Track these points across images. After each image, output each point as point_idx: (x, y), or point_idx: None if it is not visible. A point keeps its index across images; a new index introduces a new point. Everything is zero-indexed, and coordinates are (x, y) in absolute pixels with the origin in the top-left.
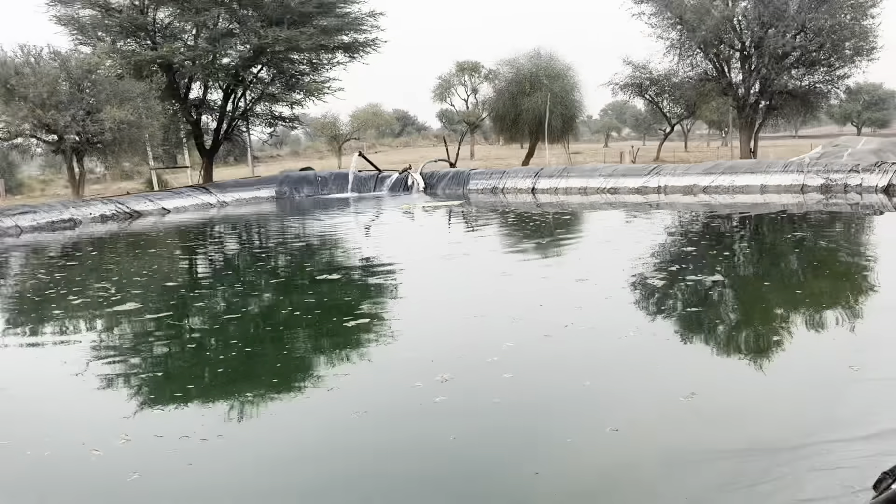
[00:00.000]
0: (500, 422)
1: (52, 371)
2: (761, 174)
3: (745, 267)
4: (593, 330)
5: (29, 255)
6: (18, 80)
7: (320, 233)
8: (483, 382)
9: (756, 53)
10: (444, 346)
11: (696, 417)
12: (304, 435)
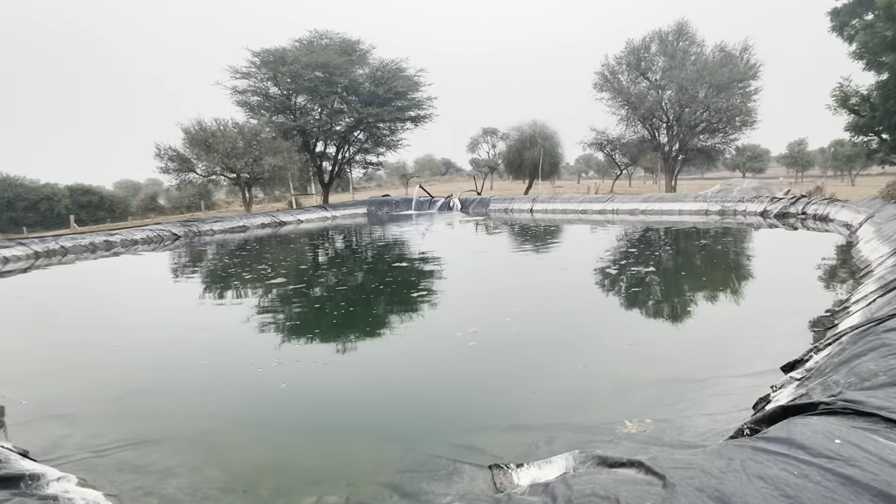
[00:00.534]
0: (510, 359)
1: (232, 318)
2: (679, 202)
3: (667, 262)
4: (571, 302)
5: (218, 247)
6: (213, 139)
7: (394, 236)
8: (499, 334)
9: (676, 124)
10: (474, 309)
11: (637, 359)
12: (386, 364)
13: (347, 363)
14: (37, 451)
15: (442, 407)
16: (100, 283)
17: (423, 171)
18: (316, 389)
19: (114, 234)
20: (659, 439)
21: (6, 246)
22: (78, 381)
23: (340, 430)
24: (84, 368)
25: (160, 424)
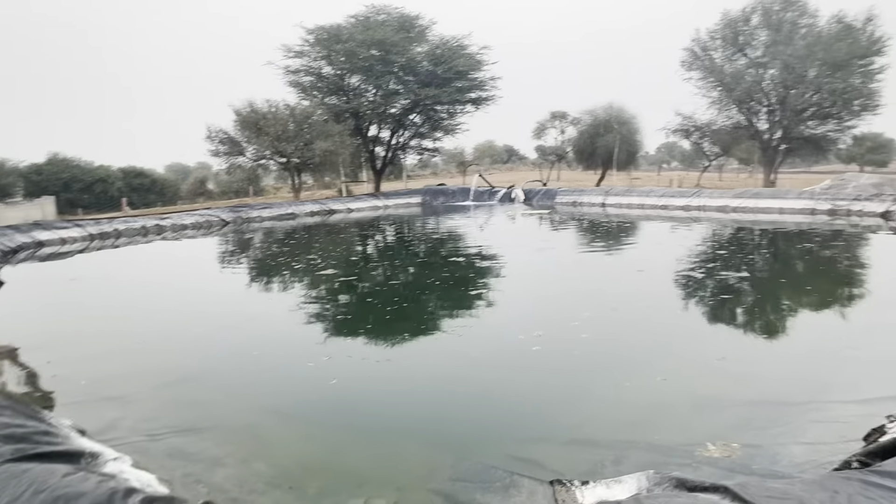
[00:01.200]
0: (577, 367)
1: (281, 309)
2: (779, 199)
3: (764, 267)
4: (649, 307)
5: (267, 234)
6: (264, 122)
7: (449, 228)
8: (567, 339)
9: (779, 108)
10: (538, 311)
11: (724, 375)
12: (441, 364)
13: (400, 362)
14: (93, 430)
15: (499, 414)
16: (151, 267)
17: (483, 159)
18: (366, 388)
19: (164, 218)
20: (746, 467)
21: (63, 227)
22: (131, 364)
23: (390, 432)
24: (136, 352)
25: (209, 413)
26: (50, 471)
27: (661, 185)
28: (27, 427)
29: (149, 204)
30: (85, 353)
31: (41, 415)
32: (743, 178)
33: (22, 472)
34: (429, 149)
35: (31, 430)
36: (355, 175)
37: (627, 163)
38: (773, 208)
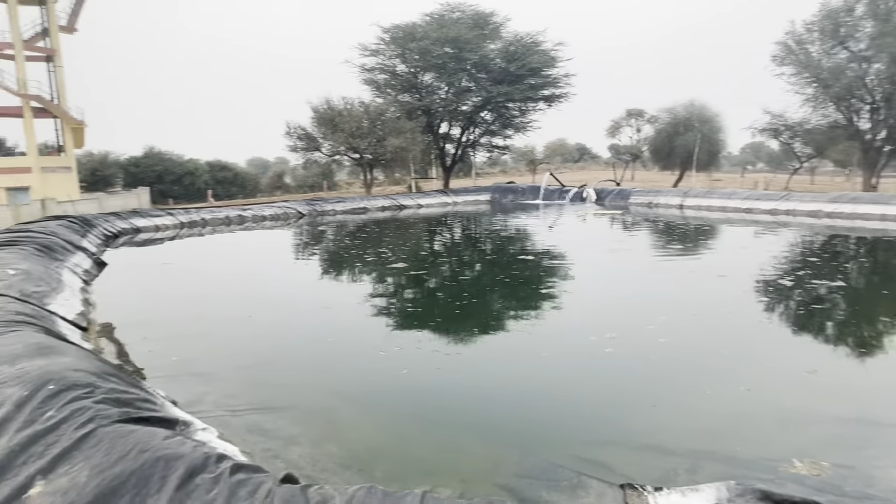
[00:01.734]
0: (652, 372)
1: (354, 298)
2: (882, 205)
3: (862, 277)
4: (732, 314)
5: (340, 227)
6: (340, 119)
7: (518, 226)
8: (642, 343)
9: (885, 106)
10: (611, 313)
11: (814, 388)
12: (509, 360)
13: (469, 356)
14: (182, 402)
15: (567, 414)
16: (234, 255)
17: (554, 157)
18: (435, 379)
19: (246, 209)
20: (838, 488)
21: (157, 215)
22: (214, 344)
23: (456, 425)
24: (220, 334)
25: (284, 394)
26: (152, 433)
27: (744, 187)
28: (130, 393)
29: (231, 196)
30: (175, 332)
31: (140, 384)
32: (839, 181)
33: (129, 432)
34: (499, 146)
35: (133, 396)
36: (425, 172)
37: (708, 163)
38: (873, 214)
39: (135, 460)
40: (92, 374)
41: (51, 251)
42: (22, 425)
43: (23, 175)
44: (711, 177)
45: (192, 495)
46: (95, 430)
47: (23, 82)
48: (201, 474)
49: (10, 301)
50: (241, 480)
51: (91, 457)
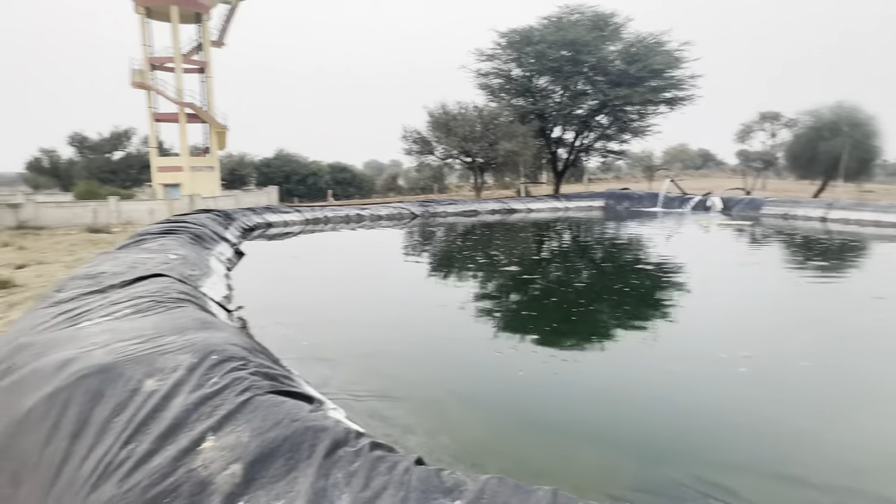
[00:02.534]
0: (793, 396)
1: (469, 298)
2: None
3: None
4: (893, 339)
5: (451, 228)
6: (454, 123)
7: (634, 235)
8: (781, 364)
9: None
10: (742, 331)
11: None
12: (629, 369)
13: (586, 363)
14: (312, 384)
15: (690, 431)
16: (353, 250)
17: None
18: (549, 383)
19: (364, 208)
20: None
21: (286, 212)
22: (337, 333)
23: (571, 431)
24: (343, 323)
25: (400, 385)
26: (299, 405)
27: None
28: (275, 370)
29: (349, 196)
30: (303, 319)
31: (280, 362)
32: None
33: (280, 402)
34: (614, 151)
35: (277, 372)
36: (535, 176)
37: (858, 172)
38: None
39: (287, 427)
40: (244, 349)
41: (201, 240)
42: (193, 387)
43: (176, 173)
44: (862, 188)
45: (337, 465)
46: (252, 398)
47: (180, 92)
48: (344, 447)
49: (174, 281)
50: (380, 457)
51: (251, 420)
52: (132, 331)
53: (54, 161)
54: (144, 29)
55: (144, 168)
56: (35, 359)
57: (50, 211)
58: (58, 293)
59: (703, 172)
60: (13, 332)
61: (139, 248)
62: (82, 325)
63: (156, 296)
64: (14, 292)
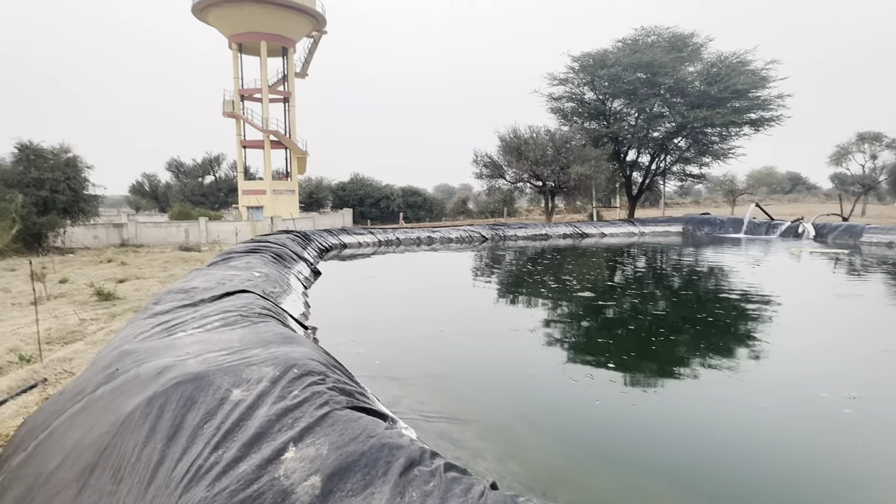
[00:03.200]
0: None
1: (542, 323)
2: None
3: None
4: None
5: (520, 252)
6: (525, 147)
7: (717, 262)
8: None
9: None
10: (845, 369)
11: None
12: (715, 405)
13: (666, 395)
14: (384, 402)
15: (780, 475)
16: (425, 272)
17: (759, 188)
18: (626, 414)
19: (434, 231)
20: None
21: (360, 233)
22: (407, 353)
23: (646, 467)
24: (414, 343)
25: (470, 408)
26: (375, 422)
27: None
28: (351, 386)
29: (420, 219)
30: (376, 338)
31: (355, 379)
32: None
33: (357, 418)
34: (693, 175)
35: (353, 388)
36: (608, 200)
37: None
38: None
39: (363, 443)
40: (322, 364)
41: (282, 259)
42: (276, 399)
43: (259, 196)
44: None
45: (412, 483)
46: (331, 412)
47: (265, 120)
48: (419, 466)
49: (258, 298)
50: (455, 478)
51: (329, 434)
52: (221, 342)
53: (154, 185)
54: (236, 63)
55: (231, 191)
56: (137, 365)
57: (148, 230)
58: (156, 305)
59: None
60: (117, 340)
61: (227, 265)
62: (177, 335)
63: (242, 310)
64: (115, 304)
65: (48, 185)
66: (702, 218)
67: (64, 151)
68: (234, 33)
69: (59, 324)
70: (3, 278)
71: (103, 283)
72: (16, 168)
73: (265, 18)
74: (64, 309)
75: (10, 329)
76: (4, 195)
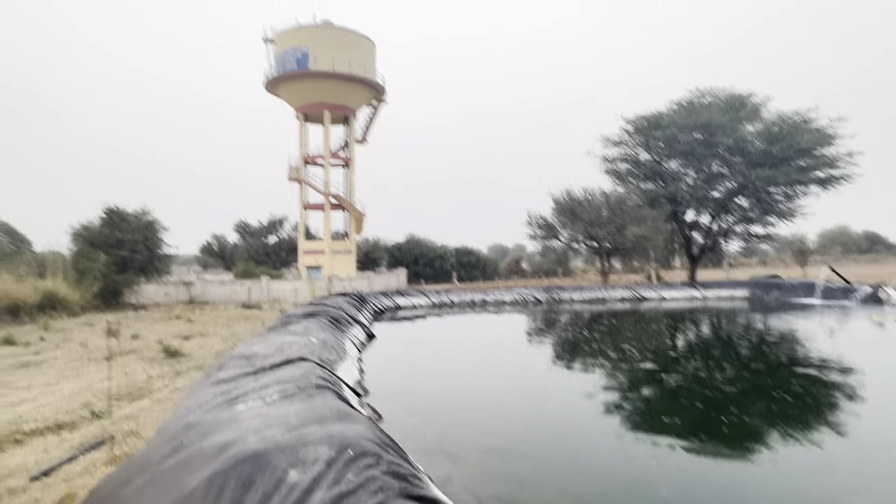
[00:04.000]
0: None
1: (600, 396)
2: None
3: None
4: None
5: (576, 317)
6: (580, 208)
7: (790, 330)
8: None
9: None
10: None
11: None
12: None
13: (742, 483)
14: (436, 480)
15: None
16: (479, 336)
17: (832, 248)
18: None
19: (488, 293)
20: None
21: (415, 295)
22: (462, 425)
23: None
24: (469, 414)
25: (527, 489)
26: None
27: None
28: (403, 468)
29: (473, 279)
30: (429, 407)
31: (408, 457)
32: None
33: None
34: (758, 235)
35: (406, 471)
36: (667, 261)
37: None
38: None
39: None
40: (376, 444)
41: (338, 323)
42: (331, 483)
43: (318, 256)
44: None
45: None
46: (385, 501)
47: (327, 184)
48: None
49: (315, 366)
50: None
51: None
52: (279, 417)
53: (222, 245)
54: (301, 131)
55: (292, 251)
56: (200, 438)
57: (214, 288)
58: (219, 372)
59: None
60: (183, 410)
61: (286, 330)
62: (238, 407)
63: (299, 381)
64: (180, 361)
65: (128, 246)
66: (770, 281)
67: (144, 214)
68: (300, 104)
69: (129, 380)
70: (83, 333)
71: (170, 340)
72: (102, 230)
73: (330, 91)
74: (133, 365)
75: (86, 384)
76: (91, 255)
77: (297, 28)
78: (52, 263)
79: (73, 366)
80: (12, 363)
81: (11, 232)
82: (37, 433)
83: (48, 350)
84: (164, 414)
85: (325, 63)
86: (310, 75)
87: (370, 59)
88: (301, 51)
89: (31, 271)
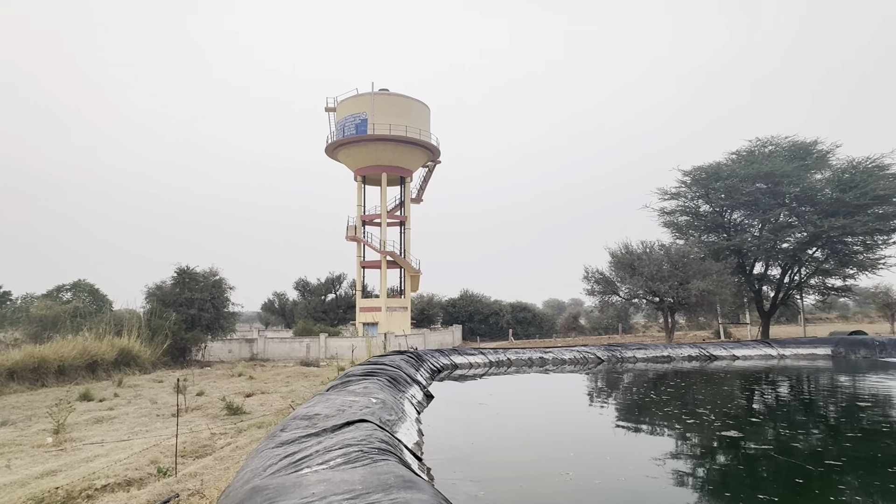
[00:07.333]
0: None
1: (678, 467)
2: None
3: None
4: None
5: (640, 376)
6: (639, 262)
7: (884, 393)
8: None
9: None
10: None
11: None
12: None
13: None
14: None
15: None
16: (540, 398)
17: None
18: None
19: (547, 352)
20: None
21: (471, 354)
22: (527, 496)
23: None
24: (533, 485)
25: None
26: None
27: None
28: None
29: (529, 335)
30: (490, 475)
31: None
32: None
33: None
34: (836, 288)
35: None
36: (736, 316)
37: None
38: None
39: None
40: None
41: (397, 383)
42: None
43: (375, 313)
44: None
45: None
46: None
47: (383, 243)
48: None
49: (376, 428)
50: None
51: None
52: (344, 484)
53: (283, 302)
54: (360, 192)
55: (350, 308)
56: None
57: (274, 345)
58: (282, 433)
59: None
60: (247, 473)
61: (346, 389)
62: (303, 471)
63: (362, 444)
64: (242, 419)
65: (196, 304)
66: (854, 338)
67: (213, 274)
68: (358, 167)
69: (193, 437)
70: (152, 389)
71: (233, 398)
72: (174, 289)
73: (387, 153)
74: (198, 422)
75: (153, 441)
76: (162, 313)
77: (356, 96)
78: (128, 321)
79: (142, 421)
80: (88, 418)
81: (94, 292)
82: (107, 489)
83: (121, 406)
84: (227, 472)
85: (383, 128)
86: (368, 139)
87: (425, 122)
88: (360, 117)
89: (109, 329)
